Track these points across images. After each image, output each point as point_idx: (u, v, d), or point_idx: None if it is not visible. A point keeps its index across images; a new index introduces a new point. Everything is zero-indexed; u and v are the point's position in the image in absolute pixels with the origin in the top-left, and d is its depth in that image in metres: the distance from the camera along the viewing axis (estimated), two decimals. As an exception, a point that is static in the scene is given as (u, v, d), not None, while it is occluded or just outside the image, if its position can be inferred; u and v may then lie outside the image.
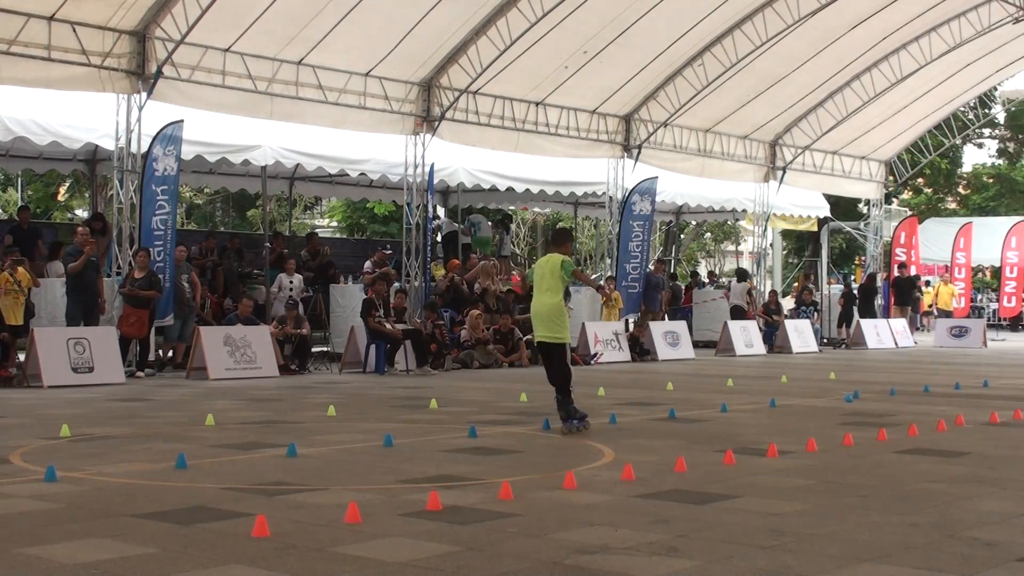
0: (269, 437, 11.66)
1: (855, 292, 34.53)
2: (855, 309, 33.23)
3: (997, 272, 42.19)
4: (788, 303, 35.62)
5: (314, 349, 22.08)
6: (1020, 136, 58.33)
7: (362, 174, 25.34)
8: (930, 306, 41.06)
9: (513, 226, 37.79)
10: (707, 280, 37.44)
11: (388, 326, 20.67)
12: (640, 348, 25.47)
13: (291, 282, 22.47)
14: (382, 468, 9.75)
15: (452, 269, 25.28)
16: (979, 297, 47.29)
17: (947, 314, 35.82)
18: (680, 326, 27.33)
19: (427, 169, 23.50)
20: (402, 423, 13.06)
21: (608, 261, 28.42)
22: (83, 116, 20.13)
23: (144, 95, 19.37)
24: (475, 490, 8.69)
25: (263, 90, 20.90)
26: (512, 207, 35.18)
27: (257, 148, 22.04)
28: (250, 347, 19.28)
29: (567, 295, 26.13)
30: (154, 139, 19.38)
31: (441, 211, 29.98)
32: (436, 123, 23.53)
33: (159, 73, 19.26)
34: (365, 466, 9.92)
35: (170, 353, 20.78)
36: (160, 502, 8.05)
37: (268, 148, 22.16)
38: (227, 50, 20.28)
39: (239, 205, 48.82)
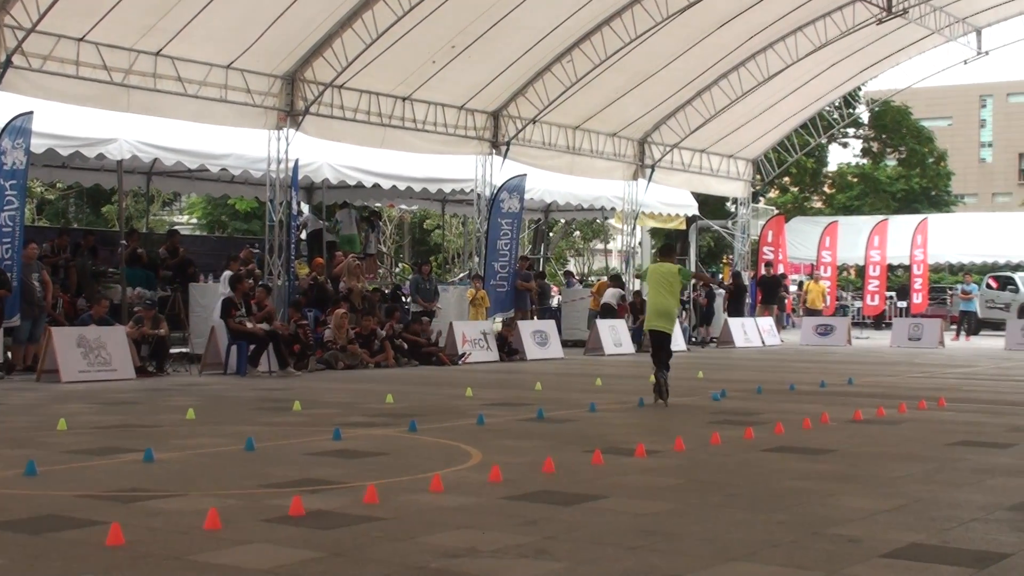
0: (125, 442, 11.32)
1: (715, 291, 34.95)
2: (715, 308, 33.63)
3: (861, 271, 43.11)
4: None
5: (172, 350, 21.55)
6: (883, 136, 59.97)
7: (223, 169, 24.78)
8: (797, 305, 41.67)
9: (381, 223, 37.37)
10: (579, 280, 37.51)
11: (249, 325, 20.23)
12: (508, 348, 25.39)
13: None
14: (243, 472, 9.54)
15: (316, 267, 24.89)
16: (845, 296, 48.38)
17: (816, 312, 36.39)
18: (549, 325, 27.35)
19: (291, 165, 23.10)
20: (264, 426, 12.78)
21: (476, 260, 28.30)
22: (-74, 107, 19.30)
23: (-8, 86, 18.66)
24: (339, 494, 8.55)
25: (119, 81, 20.29)
26: (379, 204, 34.81)
27: (113, 142, 21.43)
28: (105, 348, 18.65)
29: (435, 295, 26.34)
30: (2, 131, 18.63)
31: (305, 208, 29.49)
32: (300, 117, 23.14)
33: (8, 63, 18.52)
34: (225, 471, 9.72)
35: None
36: (7, 511, 7.77)
37: (124, 142, 21.56)
38: (81, 39, 19.62)
39: (94, 201, 47.46)
